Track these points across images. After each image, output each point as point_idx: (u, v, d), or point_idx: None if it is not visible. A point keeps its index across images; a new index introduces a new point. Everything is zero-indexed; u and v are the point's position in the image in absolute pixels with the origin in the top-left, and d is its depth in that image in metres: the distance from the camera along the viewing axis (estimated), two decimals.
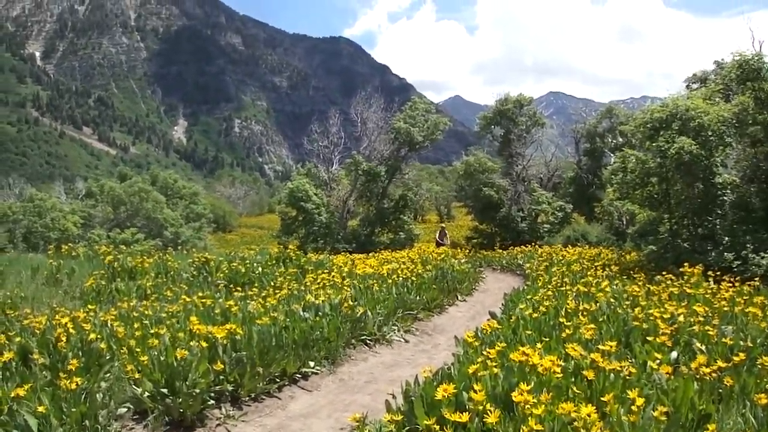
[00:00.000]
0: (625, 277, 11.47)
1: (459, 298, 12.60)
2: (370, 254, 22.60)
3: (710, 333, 5.46)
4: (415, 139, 33.71)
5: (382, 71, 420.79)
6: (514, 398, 3.36)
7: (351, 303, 7.91)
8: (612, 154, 34.60)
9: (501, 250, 24.74)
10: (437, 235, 23.01)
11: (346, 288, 9.43)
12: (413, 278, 11.40)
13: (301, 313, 7.33)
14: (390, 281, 10.63)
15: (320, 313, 7.39)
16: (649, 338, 5.49)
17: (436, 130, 35.17)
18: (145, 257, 12.68)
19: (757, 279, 9.70)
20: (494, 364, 4.11)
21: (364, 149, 35.42)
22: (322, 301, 7.88)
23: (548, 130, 38.51)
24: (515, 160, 33.30)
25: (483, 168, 33.15)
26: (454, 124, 44.22)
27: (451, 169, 55.52)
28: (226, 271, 11.44)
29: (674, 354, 5.16)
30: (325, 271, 11.95)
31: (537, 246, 23.47)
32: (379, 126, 35.82)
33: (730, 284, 9.04)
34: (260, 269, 11.96)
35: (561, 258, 16.50)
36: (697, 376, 4.08)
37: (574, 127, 37.02)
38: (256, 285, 10.50)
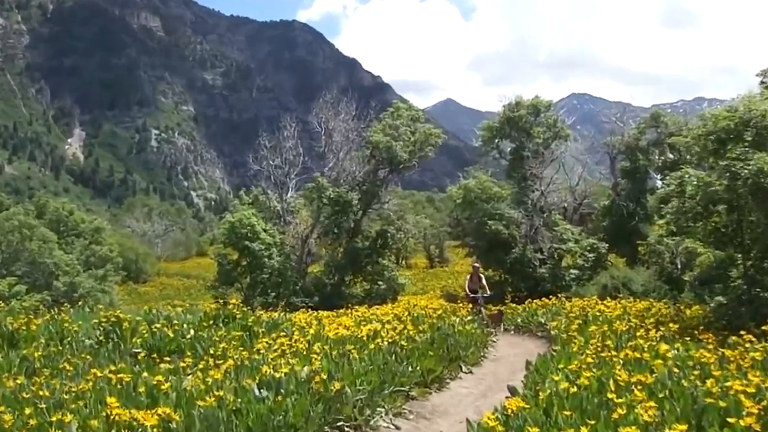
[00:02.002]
0: (687, 338, 11.58)
1: (463, 368, 12.58)
2: (340, 311, 22.53)
3: None
4: (397, 157, 34.09)
5: (349, 67, 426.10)
6: None
7: (323, 377, 7.84)
8: (659, 175, 35.50)
9: (514, 305, 24.88)
10: (467, 280, 21.58)
11: (315, 357, 9.36)
12: (403, 343, 11.38)
13: (257, 391, 7.24)
14: (372, 346, 10.59)
15: (282, 391, 7.30)
16: (729, 420, 5.53)
17: (425, 145, 35.63)
18: (31, 317, 12.44)
19: None
20: None
21: (330, 170, 35.76)
22: (285, 374, 7.80)
23: (573, 145, 39.46)
24: (530, 184, 33.98)
25: (487, 195, 33.65)
26: (446, 136, 44.83)
27: (445, 196, 56.04)
28: (147, 336, 11.28)
29: None
30: (283, 334, 11.86)
31: (563, 298, 23.68)
32: (349, 139, 36.21)
33: None
34: (192, 332, 11.81)
35: (598, 314, 16.63)
36: None
37: (607, 140, 37.88)
38: (188, 354, 10.36)
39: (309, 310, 25.26)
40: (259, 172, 39.47)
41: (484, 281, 20.99)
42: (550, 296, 24.12)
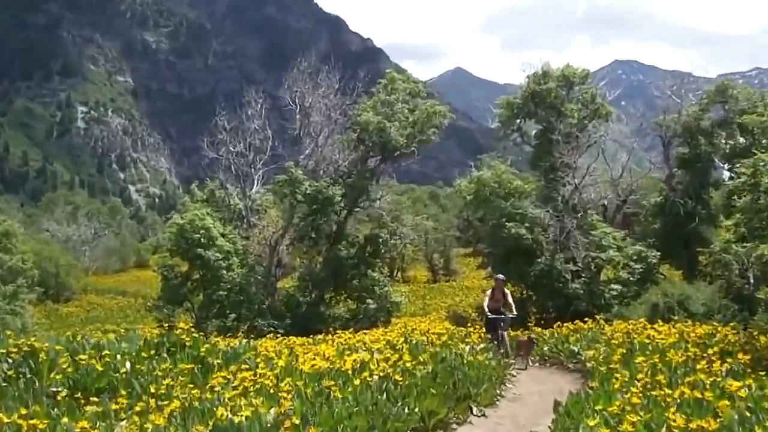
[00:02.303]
0: (762, 372, 11.57)
1: (475, 410, 12.58)
2: (318, 337, 22.60)
3: None
4: (392, 142, 34.19)
5: (332, 27, 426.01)
6: None
7: (295, 421, 7.81)
8: (726, 165, 35.64)
9: (540, 329, 24.87)
10: (488, 297, 21.11)
11: (284, 396, 9.33)
12: (397, 377, 11.41)
13: None
14: (358, 382, 10.60)
15: None
16: None
17: (427, 127, 35.63)
18: None
19: None
20: None
21: (307, 159, 35.80)
22: (246, 418, 7.76)
23: (616, 126, 39.47)
24: (561, 176, 34.08)
25: (506, 190, 33.72)
26: (455, 115, 44.66)
27: (452, 191, 56.13)
28: (69, 371, 11.17)
29: None
30: (245, 366, 11.82)
31: (602, 321, 23.73)
32: (331, 119, 36.17)
33: None
34: (129, 365, 11.73)
35: (647, 341, 16.63)
36: None
37: (660, 119, 37.92)
38: (122, 393, 10.27)
39: (278, 335, 25.25)
40: (215, 160, 39.51)
41: (509, 298, 20.68)
42: (586, 318, 24.06)
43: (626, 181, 37.58)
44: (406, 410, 10.18)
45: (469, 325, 25.26)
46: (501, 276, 21.30)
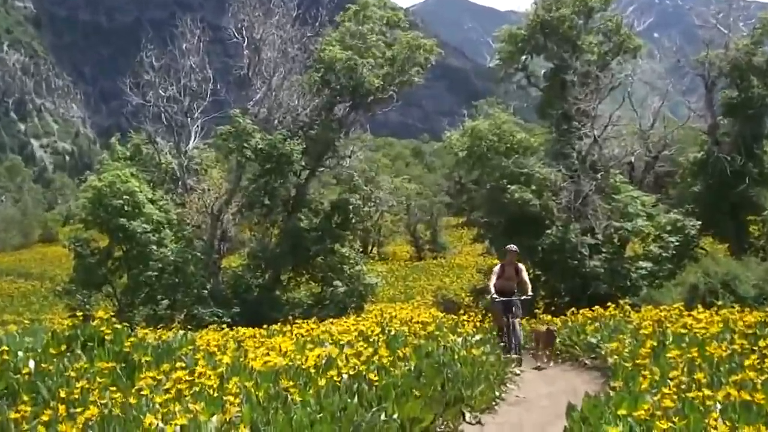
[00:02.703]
0: None
1: (468, 416, 12.67)
2: (273, 327, 22.60)
3: None
4: (365, 84, 34.08)
5: None
6: None
7: (244, 431, 7.82)
8: None
9: (549, 316, 24.98)
10: (494, 274, 20.60)
11: (231, 400, 9.34)
12: (372, 376, 11.41)
13: None
14: (323, 383, 10.61)
15: None
16: None
17: (409, 65, 35.48)
18: None
19: None
20: None
21: (258, 105, 35.56)
22: (182, 428, 7.76)
23: (646, 63, 39.39)
24: (577, 127, 33.97)
25: (508, 144, 33.71)
26: (443, 51, 44.07)
27: (441, 146, 55.95)
28: None
29: None
30: (181, 364, 11.81)
31: (627, 306, 23.83)
32: (287, 56, 35.88)
33: None
34: (33, 365, 11.70)
35: (684, 331, 16.71)
36: None
37: (701, 55, 37.82)
38: (25, 398, 10.25)
39: (223, 326, 25.22)
40: (142, 107, 39.11)
41: (525, 275, 20.71)
42: (607, 303, 24.17)
43: (658, 132, 37.61)
44: (383, 417, 10.18)
45: (461, 312, 25.38)
46: (513, 247, 20.89)
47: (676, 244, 32.56)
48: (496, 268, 20.63)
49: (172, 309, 32.05)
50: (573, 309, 24.66)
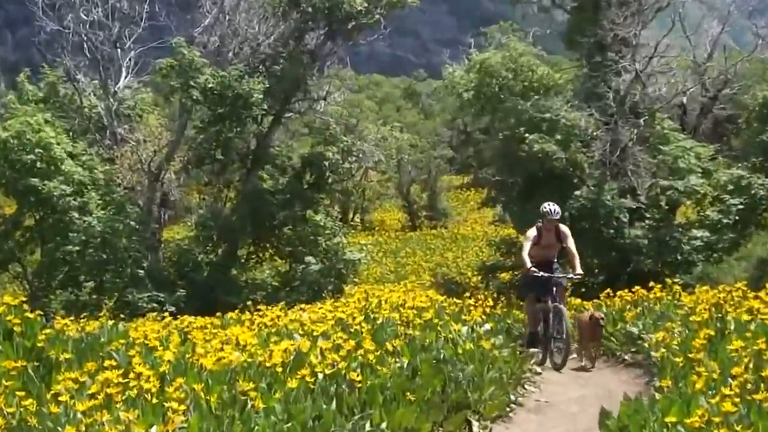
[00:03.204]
0: None
1: (475, 427, 12.55)
2: (229, 315, 22.64)
3: None
4: (345, 5, 33.67)
5: None
6: None
7: None
8: None
9: (578, 300, 24.94)
10: (529, 241, 19.16)
11: (174, 407, 9.31)
12: (354, 376, 11.39)
13: None
14: (292, 384, 10.59)
15: None
16: None
17: None
18: None
19: None
20: None
21: (207, 33, 35.24)
22: None
23: None
24: (614, 58, 33.80)
25: (526, 81, 33.62)
26: None
27: (441, 85, 55.62)
28: None
29: None
30: (111, 363, 11.78)
31: (676, 286, 23.82)
32: None
33: None
34: None
35: (748, 318, 16.74)
36: None
37: None
38: None
39: (166, 314, 25.17)
40: (58, 36, 38.81)
41: (571, 243, 19.27)
42: (652, 283, 24.16)
43: (718, 66, 37.48)
44: (368, 427, 10.18)
45: (467, 295, 25.26)
46: (554, 207, 19.18)
47: (740, 207, 32.37)
48: (531, 233, 19.24)
49: (99, 293, 31.94)
50: (608, 290, 24.67)
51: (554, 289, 18.72)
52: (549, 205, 19.19)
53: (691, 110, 36.64)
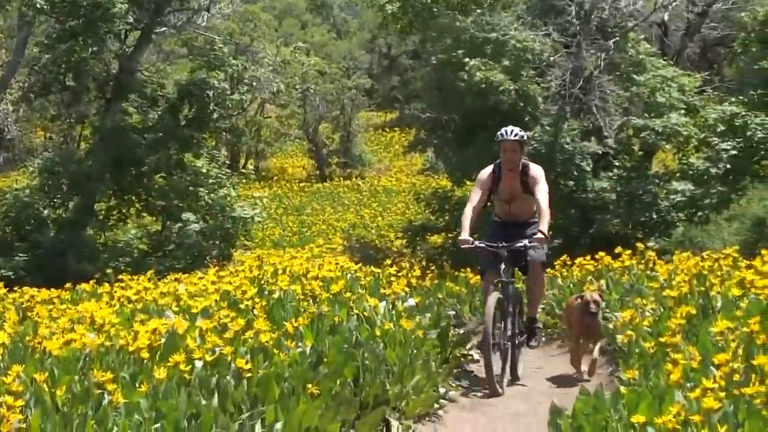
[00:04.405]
0: None
1: (396, 428, 12.65)
2: (83, 287, 22.63)
3: None
4: None
5: None
6: None
7: None
8: None
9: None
10: (479, 189, 15.14)
11: (8, 403, 9.26)
12: (242, 364, 11.40)
13: None
14: (162, 374, 10.58)
15: None
16: None
17: None
18: None
19: None
20: None
21: None
22: None
23: None
24: None
25: None
26: None
27: None
28: None
29: None
30: None
31: (650, 252, 24.01)
32: None
33: None
34: None
35: (738, 292, 16.92)
36: None
37: None
38: None
39: (0, 285, 25.08)
40: None
41: (540, 190, 16.01)
42: (619, 248, 24.33)
43: None
44: (258, 428, 10.23)
45: (388, 262, 25.27)
46: (515, 129, 16.27)
47: (733, 153, 32.44)
48: (483, 176, 16.67)
49: None
50: (565, 257, 24.84)
51: (508, 265, 15.88)
52: (508, 131, 16.27)
53: (673, 30, 36.94)
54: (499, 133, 16.65)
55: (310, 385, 11.38)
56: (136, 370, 10.93)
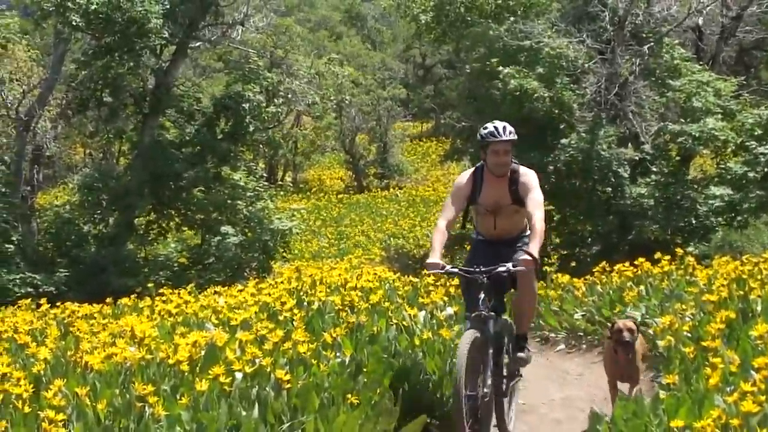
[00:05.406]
0: None
1: None
2: (124, 302, 22.57)
3: None
4: None
5: None
6: None
7: None
8: None
9: (565, 276, 24.84)
10: (455, 197, 12.65)
11: (50, 417, 9.31)
12: (281, 375, 11.38)
13: None
14: (203, 386, 10.60)
15: None
16: None
17: None
18: None
19: None
20: None
21: None
22: None
23: None
24: None
25: None
26: None
27: (391, 4, 55.17)
28: None
29: None
30: None
31: (690, 257, 23.85)
32: None
33: None
34: None
35: None
36: None
37: None
38: None
39: (42, 300, 24.95)
40: None
41: (533, 200, 13.03)
42: (658, 254, 24.16)
43: None
44: None
45: (426, 272, 25.14)
46: (508, 127, 13.02)
47: None
48: (460, 183, 13.86)
49: None
50: (604, 264, 24.68)
51: (488, 296, 12.59)
52: (493, 127, 13.03)
53: (708, 34, 36.78)
54: (486, 131, 13.17)
55: (349, 395, 11.36)
56: (176, 383, 10.95)
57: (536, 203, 12.78)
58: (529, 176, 13.15)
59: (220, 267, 33.07)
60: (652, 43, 33.20)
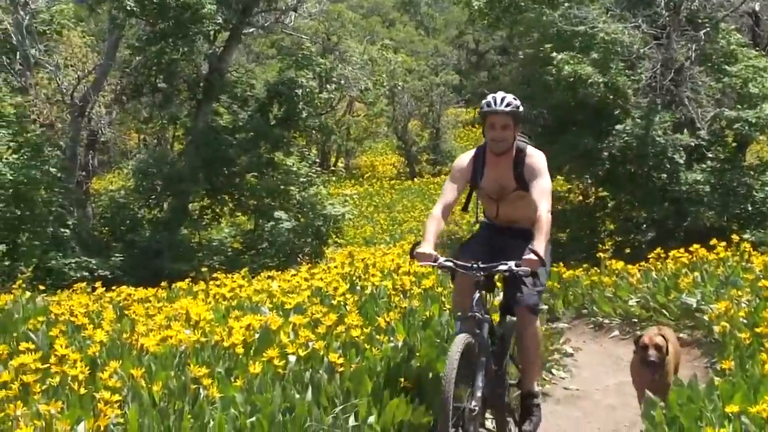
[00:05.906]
0: None
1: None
2: (178, 285, 22.62)
3: None
4: None
5: None
6: None
7: None
8: None
9: (619, 262, 24.65)
10: (454, 180, 12.32)
11: (106, 399, 9.32)
12: (335, 359, 11.34)
13: None
14: (257, 369, 10.58)
15: None
16: None
17: None
18: None
19: None
20: None
21: None
22: None
23: None
24: None
25: None
26: None
27: None
28: None
29: None
30: (29, 345, 11.82)
31: (746, 244, 23.70)
32: None
33: None
34: None
35: None
36: None
37: None
38: None
39: (98, 284, 25.01)
40: None
41: (540, 187, 11.54)
42: (714, 241, 24.05)
43: None
44: (352, 421, 10.17)
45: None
46: (507, 97, 11.33)
47: None
48: (461, 164, 12.27)
49: (13, 258, 31.65)
50: (659, 251, 24.52)
51: (486, 294, 11.29)
52: (494, 99, 11.34)
53: (765, 20, 36.51)
54: (484, 102, 11.55)
55: (402, 379, 11.36)
56: (231, 365, 11.04)
57: (542, 191, 11.27)
58: (536, 158, 11.66)
59: (273, 252, 33.14)
60: (708, 29, 32.93)
